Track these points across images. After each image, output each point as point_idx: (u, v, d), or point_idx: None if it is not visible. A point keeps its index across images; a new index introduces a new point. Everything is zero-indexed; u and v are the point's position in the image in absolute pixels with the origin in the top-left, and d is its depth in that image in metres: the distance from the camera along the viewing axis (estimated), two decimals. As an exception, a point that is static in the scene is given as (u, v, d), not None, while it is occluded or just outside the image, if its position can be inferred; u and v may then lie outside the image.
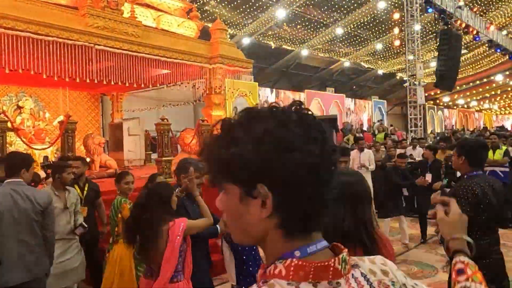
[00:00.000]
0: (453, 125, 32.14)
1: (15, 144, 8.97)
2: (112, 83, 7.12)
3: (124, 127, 10.63)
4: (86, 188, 4.35)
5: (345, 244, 0.81)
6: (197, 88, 8.77)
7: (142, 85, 8.51)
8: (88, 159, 10.02)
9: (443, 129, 29.07)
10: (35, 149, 7.58)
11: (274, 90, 20.03)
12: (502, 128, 27.29)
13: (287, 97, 20.57)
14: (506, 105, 33.99)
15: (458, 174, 4.45)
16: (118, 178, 3.46)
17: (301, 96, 21.32)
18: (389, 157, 8.11)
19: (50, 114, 10.35)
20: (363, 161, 6.79)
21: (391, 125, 21.15)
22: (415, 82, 14.24)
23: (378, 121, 21.62)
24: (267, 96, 19.30)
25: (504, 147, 8.01)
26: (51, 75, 6.27)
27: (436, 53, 14.43)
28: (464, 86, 26.96)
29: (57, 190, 3.63)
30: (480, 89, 28.68)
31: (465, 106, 33.50)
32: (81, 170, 4.44)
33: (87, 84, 7.62)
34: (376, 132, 15.90)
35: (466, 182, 2.74)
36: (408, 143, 10.82)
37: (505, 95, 31.23)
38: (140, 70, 7.36)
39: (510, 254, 5.62)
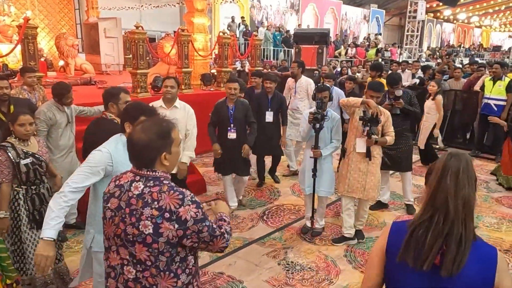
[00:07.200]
0: (449, 41, 31.14)
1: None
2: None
3: (100, 28, 9.78)
4: (12, 111, 3.56)
5: None
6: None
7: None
8: (62, 62, 9.42)
9: (439, 45, 28.18)
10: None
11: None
12: (498, 48, 26.51)
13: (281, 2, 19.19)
14: (508, 22, 32.55)
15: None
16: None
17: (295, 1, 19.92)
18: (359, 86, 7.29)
19: (17, 9, 9.38)
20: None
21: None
22: (418, -5, 13.22)
23: (375, 35, 20.56)
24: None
25: (507, 79, 6.78)
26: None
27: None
28: (469, -1, 25.35)
29: (61, 106, 3.86)
30: (485, 4, 27.06)
31: (465, 21, 32.04)
32: None
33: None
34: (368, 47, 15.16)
35: None
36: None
37: (508, 12, 29.65)
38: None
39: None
